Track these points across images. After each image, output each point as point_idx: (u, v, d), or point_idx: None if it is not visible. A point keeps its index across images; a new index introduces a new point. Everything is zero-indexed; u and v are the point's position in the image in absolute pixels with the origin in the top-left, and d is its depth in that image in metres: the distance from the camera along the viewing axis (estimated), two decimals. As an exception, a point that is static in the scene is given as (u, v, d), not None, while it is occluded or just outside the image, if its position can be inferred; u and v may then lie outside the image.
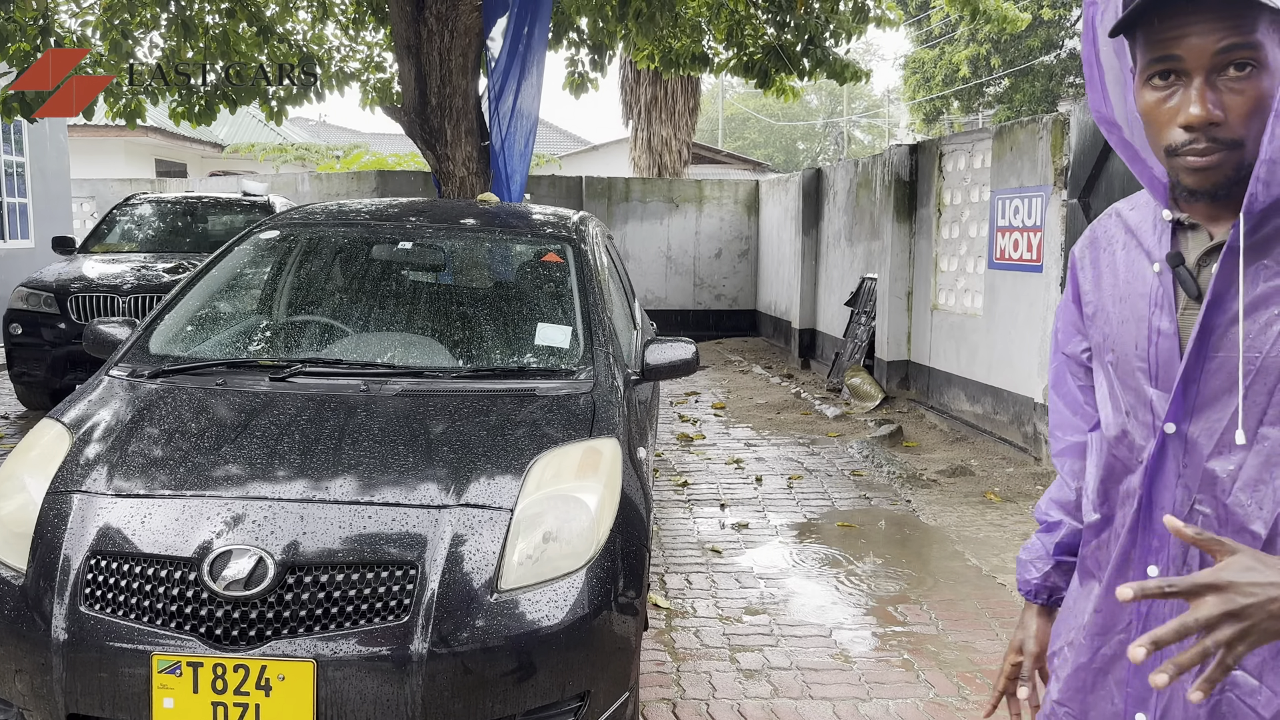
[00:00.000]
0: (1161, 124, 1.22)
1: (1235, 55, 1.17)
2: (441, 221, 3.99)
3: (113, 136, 19.42)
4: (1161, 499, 1.30)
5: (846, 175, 10.18)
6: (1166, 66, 1.20)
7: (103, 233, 8.88)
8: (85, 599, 2.30)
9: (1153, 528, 1.31)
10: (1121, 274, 1.36)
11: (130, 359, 3.11)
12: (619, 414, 3.01)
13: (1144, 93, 1.24)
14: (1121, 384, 1.35)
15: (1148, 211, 1.36)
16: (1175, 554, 1.29)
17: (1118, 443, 1.35)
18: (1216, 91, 1.18)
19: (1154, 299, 1.30)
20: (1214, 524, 1.26)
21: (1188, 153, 1.20)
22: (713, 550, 4.86)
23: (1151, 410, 1.30)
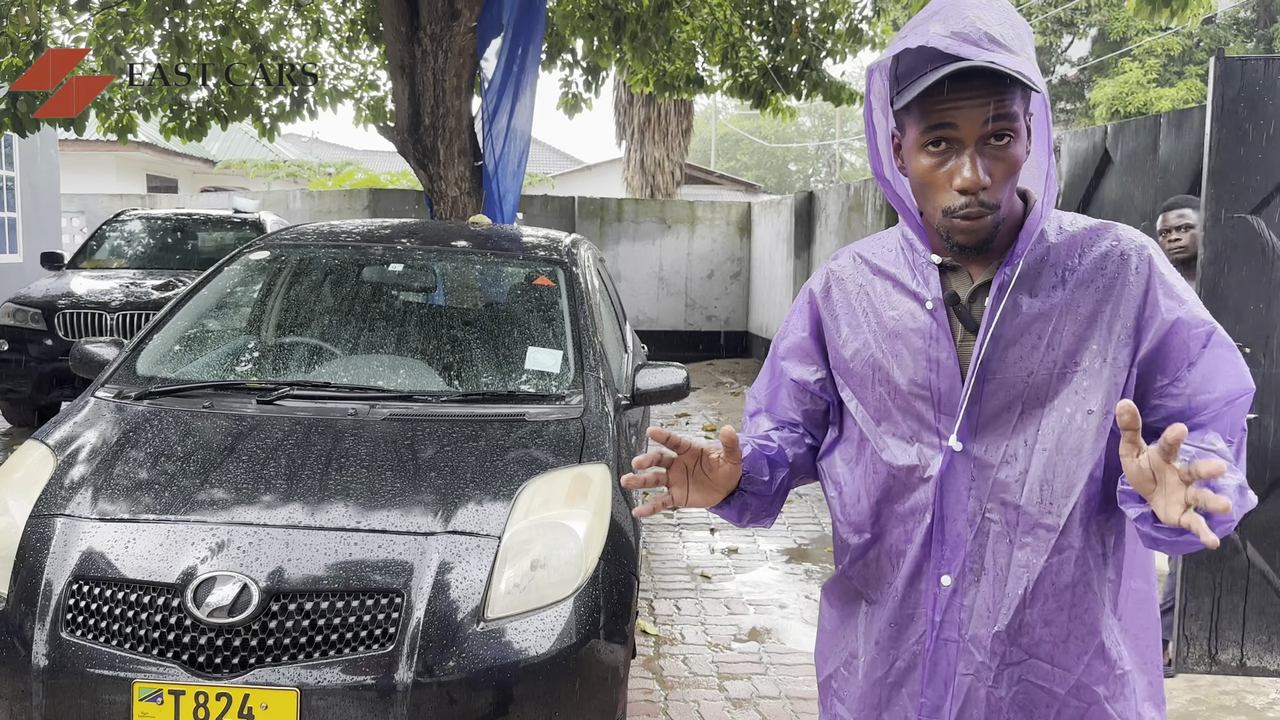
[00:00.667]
0: (938, 187, 1.37)
1: (998, 126, 1.33)
2: (433, 243, 3.98)
3: (104, 151, 19.38)
4: (953, 512, 1.43)
5: (839, 199, 10.22)
6: (941, 135, 1.34)
7: (92, 249, 8.84)
8: (66, 625, 2.27)
9: (945, 540, 1.44)
10: (885, 313, 1.49)
11: (117, 380, 3.09)
12: (609, 439, 3.00)
13: (919, 158, 1.37)
14: (901, 411, 1.47)
15: (896, 256, 1.51)
16: (970, 563, 1.42)
17: (906, 473, 1.46)
18: (985, 159, 1.34)
19: (928, 334, 1.44)
20: (1006, 528, 1.41)
21: (963, 213, 1.35)
22: (702, 575, 4.83)
23: (937, 432, 1.44)
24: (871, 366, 1.50)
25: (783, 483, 1.56)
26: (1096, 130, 5.87)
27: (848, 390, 1.54)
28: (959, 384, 1.42)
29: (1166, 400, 1.39)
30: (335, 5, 10.95)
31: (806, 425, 1.63)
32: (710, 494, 1.45)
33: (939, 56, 1.31)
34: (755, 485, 1.50)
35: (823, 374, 1.59)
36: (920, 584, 1.46)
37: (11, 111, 8.13)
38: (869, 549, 1.52)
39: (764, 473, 1.52)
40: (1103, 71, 24.82)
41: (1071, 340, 1.39)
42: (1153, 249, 1.42)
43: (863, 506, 1.52)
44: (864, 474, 1.52)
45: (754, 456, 1.52)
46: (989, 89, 1.31)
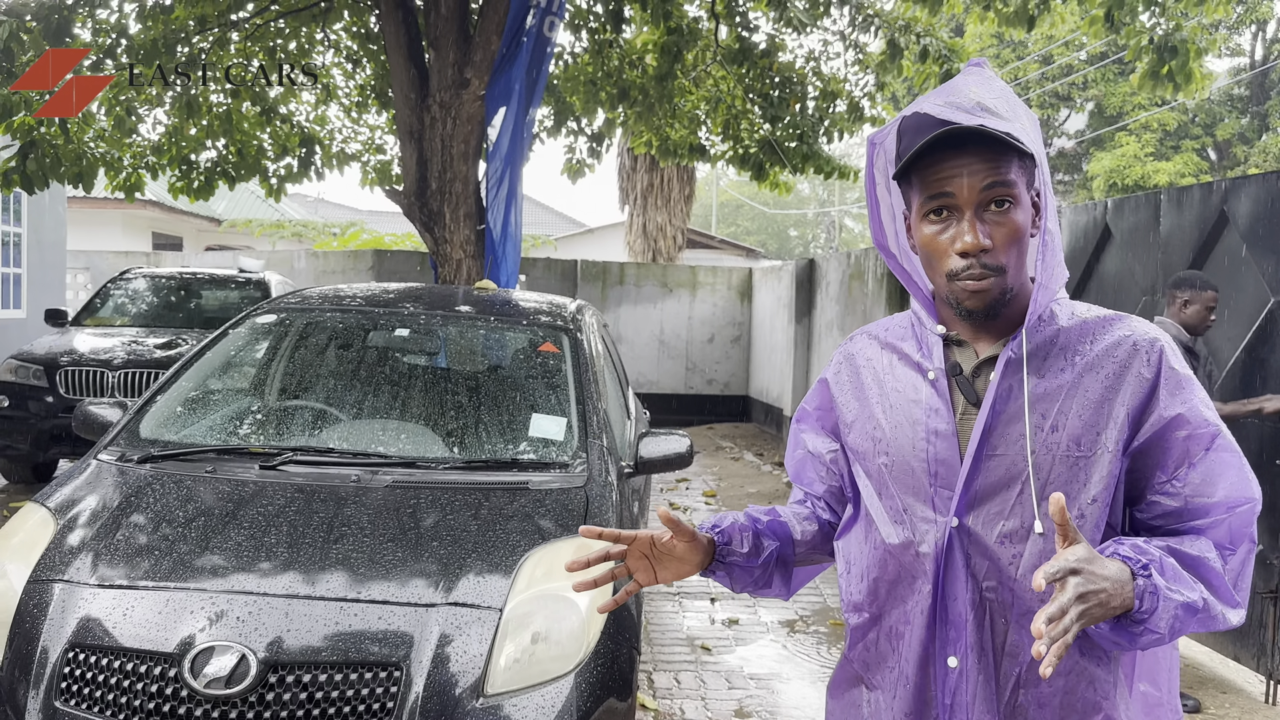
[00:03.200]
0: (940, 253, 1.39)
1: (996, 193, 1.36)
2: (438, 308, 4.00)
3: (111, 209, 19.57)
4: (955, 590, 1.41)
5: (839, 266, 10.30)
6: (941, 203, 1.37)
7: (96, 306, 8.88)
8: (61, 694, 2.22)
9: (949, 620, 1.42)
10: (889, 386, 1.51)
11: (120, 442, 3.07)
12: (612, 509, 2.98)
13: (922, 227, 1.40)
14: (898, 484, 1.46)
15: (905, 331, 1.53)
16: (972, 642, 1.40)
17: (902, 549, 1.45)
18: (984, 224, 1.36)
19: (928, 406, 1.45)
20: (1001, 608, 1.39)
21: (967, 277, 1.37)
22: (702, 647, 4.76)
23: (934, 507, 1.43)
24: (873, 439, 1.51)
25: (772, 554, 1.60)
26: (1097, 205, 5.94)
27: (856, 465, 1.56)
28: (957, 458, 1.41)
29: (1163, 498, 1.37)
30: (345, 71, 11.17)
31: (828, 500, 1.65)
32: (680, 567, 1.53)
33: (935, 127, 1.35)
34: (733, 555, 1.57)
35: (835, 447, 1.62)
36: (929, 666, 1.44)
37: (21, 169, 8.23)
38: (868, 630, 1.52)
39: (744, 544, 1.57)
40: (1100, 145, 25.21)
41: (1077, 424, 1.37)
42: (1165, 343, 1.41)
43: (862, 585, 1.52)
44: (864, 552, 1.52)
45: (733, 529, 1.58)
46: (984, 156, 1.35)
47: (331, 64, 11.00)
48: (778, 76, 10.45)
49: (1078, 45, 23.39)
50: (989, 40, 24.04)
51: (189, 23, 8.91)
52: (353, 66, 11.03)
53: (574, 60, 10.78)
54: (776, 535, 1.62)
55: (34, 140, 8.34)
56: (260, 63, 10.23)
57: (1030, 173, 1.39)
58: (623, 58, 10.56)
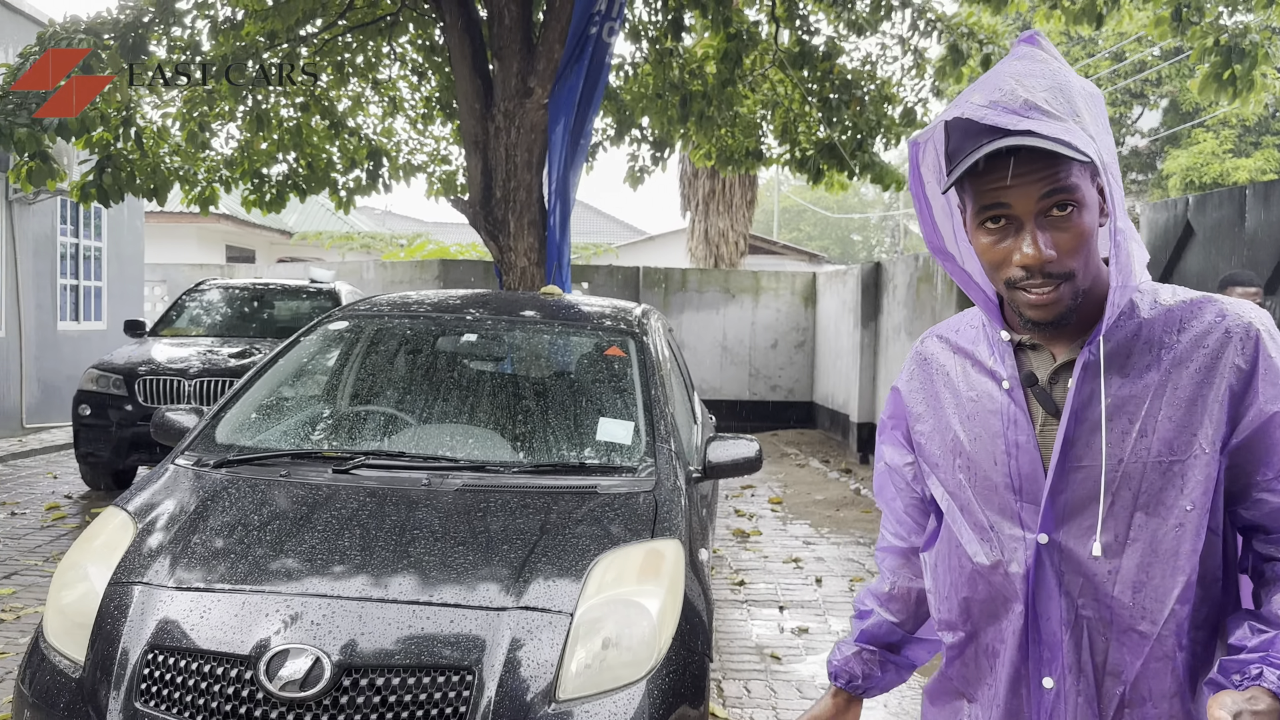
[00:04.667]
0: (999, 263, 1.29)
1: (1056, 199, 1.25)
2: (505, 314, 4.01)
3: (186, 223, 20.14)
4: (1047, 609, 1.34)
5: (907, 269, 10.13)
6: (997, 213, 1.27)
7: (172, 317, 9.11)
8: (140, 695, 2.26)
9: (1042, 639, 1.35)
10: (964, 394, 1.42)
11: (196, 448, 3.13)
12: (681, 514, 2.94)
13: (979, 235, 1.31)
14: (981, 499, 1.39)
15: (976, 333, 1.44)
16: (1069, 662, 1.33)
17: (991, 570, 1.38)
18: (1045, 231, 1.25)
19: (1006, 416, 1.37)
20: (1099, 626, 1.31)
21: (1028, 287, 1.27)
22: (772, 656, 4.69)
23: (1020, 523, 1.35)
24: (951, 451, 1.43)
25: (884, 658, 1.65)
26: (1178, 201, 5.74)
27: (932, 479, 1.48)
28: (1040, 471, 1.33)
29: (1268, 495, 1.28)
30: (411, 84, 11.33)
31: (916, 516, 1.60)
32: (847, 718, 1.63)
33: (981, 129, 1.25)
34: (859, 687, 1.63)
35: (911, 459, 1.56)
36: (1021, 688, 1.37)
37: (98, 183, 8.49)
38: (965, 648, 1.45)
39: (857, 672, 1.63)
40: (1175, 142, 24.50)
41: (1169, 427, 1.27)
42: (1263, 327, 1.30)
43: (952, 604, 1.45)
44: (950, 569, 1.45)
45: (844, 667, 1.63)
46: (1041, 163, 1.23)
47: (398, 77, 11.17)
48: (837, 79, 10.35)
49: (1150, 41, 22.77)
50: (1058, 38, 23.52)
51: (259, 39, 9.12)
52: (418, 79, 11.19)
53: (634, 71, 10.80)
54: (875, 640, 1.64)
55: (110, 155, 8.60)
56: (327, 76, 10.44)
57: (1093, 165, 1.28)
58: (683, 66, 10.55)
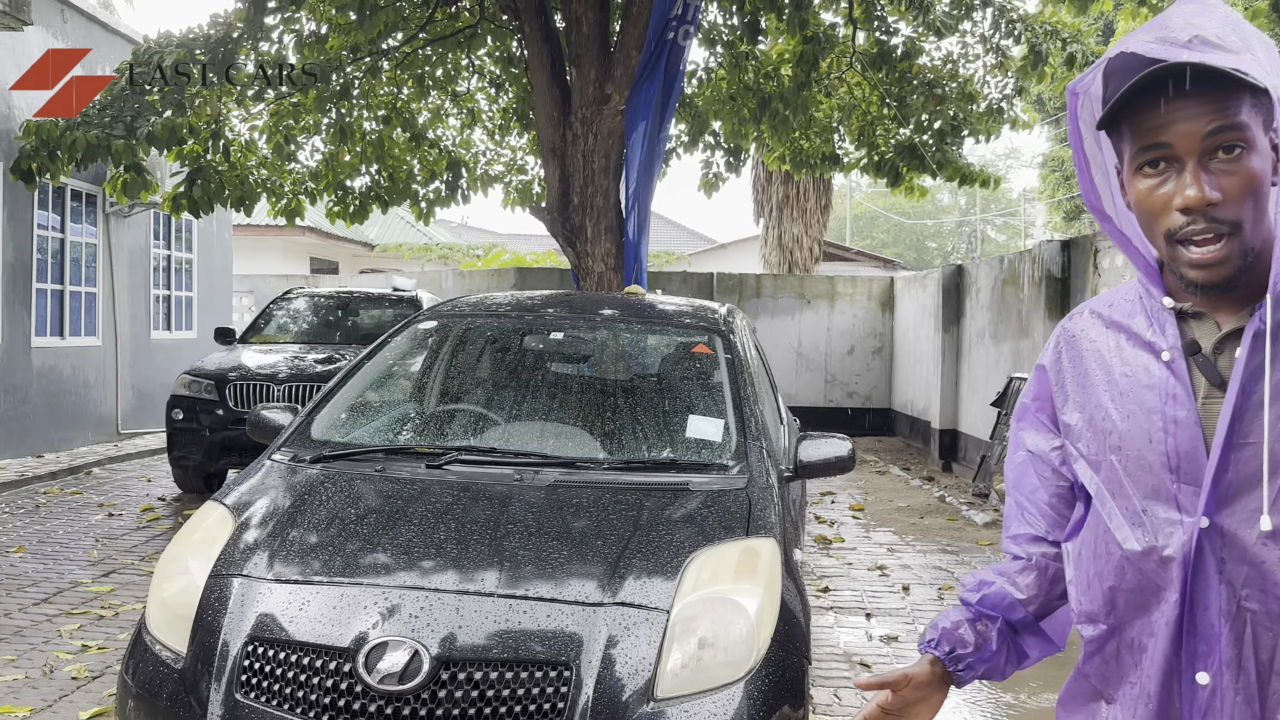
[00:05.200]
0: (1157, 211, 1.21)
1: (1224, 138, 1.16)
2: (591, 313, 4.00)
3: (272, 236, 20.71)
4: (1205, 599, 1.24)
5: (991, 272, 9.89)
6: (1157, 155, 1.19)
7: (260, 325, 9.34)
8: (241, 686, 2.27)
9: (1198, 632, 1.25)
10: (1117, 370, 1.33)
11: (292, 444, 3.17)
12: (775, 512, 2.87)
13: (1136, 182, 1.23)
14: (1133, 481, 1.29)
15: (1132, 306, 1.35)
16: (1228, 658, 1.22)
17: (1143, 557, 1.28)
18: (1210, 174, 1.17)
19: (1164, 390, 1.26)
20: (1266, 619, 1.21)
21: (1190, 238, 1.18)
22: (861, 664, 4.58)
23: (1177, 505, 1.25)
24: (1102, 432, 1.33)
25: (1002, 633, 1.50)
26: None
27: (1080, 461, 1.38)
28: (1202, 449, 1.23)
29: None
30: (489, 95, 11.46)
31: (1060, 508, 1.47)
32: (927, 703, 1.49)
33: (1145, 68, 1.16)
34: (964, 660, 1.48)
35: (1059, 443, 1.45)
36: (1174, 684, 1.27)
37: (188, 194, 8.74)
38: (1106, 642, 1.35)
39: (967, 643, 1.49)
40: None
41: None
42: None
43: (1095, 593, 1.35)
44: (1096, 556, 1.35)
45: (948, 635, 1.50)
46: (1206, 96, 1.15)
47: (476, 89, 11.31)
48: (916, 80, 10.16)
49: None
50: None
51: (342, 52, 9.32)
52: (496, 90, 11.32)
53: (709, 76, 10.76)
54: (996, 608, 1.50)
55: (200, 167, 8.85)
56: (407, 89, 10.62)
57: (1268, 112, 1.19)
58: (758, 70, 10.47)
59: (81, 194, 10.76)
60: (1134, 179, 1.23)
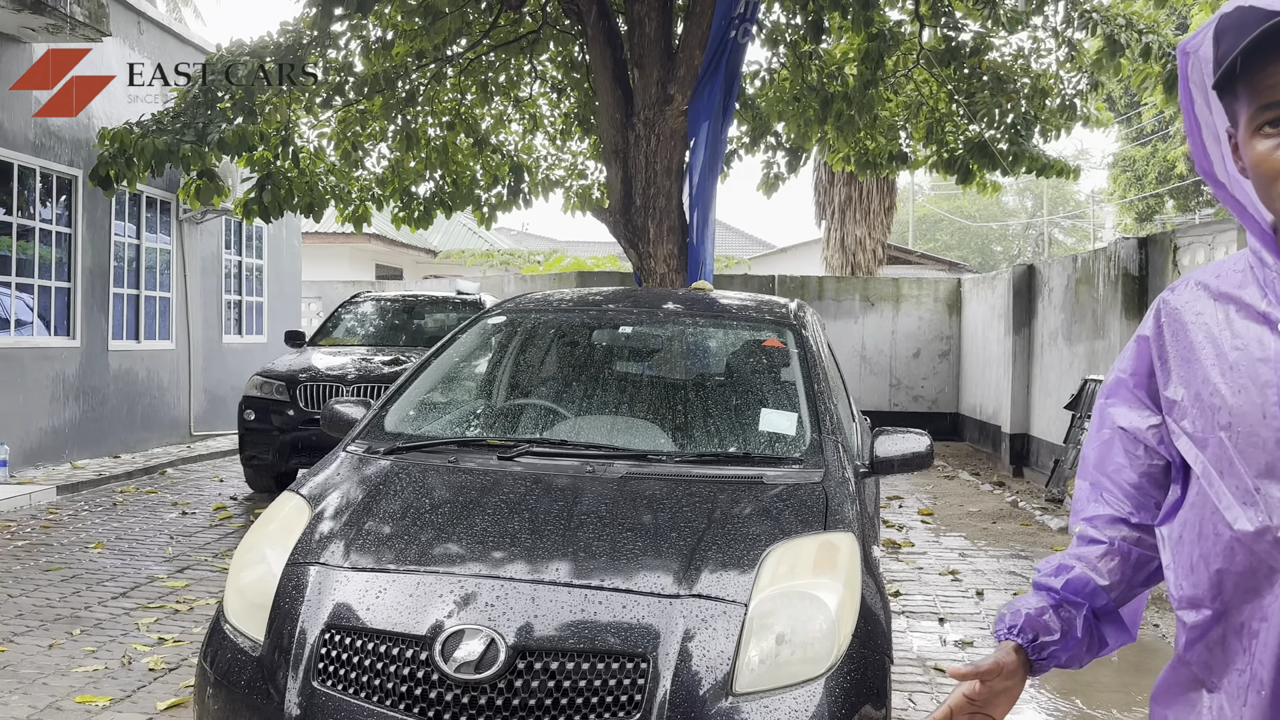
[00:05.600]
0: (1276, 173, 1.16)
1: None
2: (659, 307, 3.96)
3: (339, 243, 21.09)
4: None
5: (1064, 271, 9.64)
6: (1276, 114, 1.14)
7: (329, 328, 9.48)
8: (318, 674, 2.27)
9: None
10: (1226, 343, 1.26)
11: (366, 436, 3.18)
12: (852, 506, 2.80)
13: (1254, 144, 1.17)
14: (1245, 459, 1.22)
15: (1244, 276, 1.28)
16: None
17: (1255, 537, 1.21)
18: None
19: (1278, 363, 1.20)
20: None
21: None
22: (936, 669, 4.46)
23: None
24: (1210, 408, 1.27)
25: (1087, 620, 1.44)
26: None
27: (1184, 439, 1.31)
28: None
29: None
30: (551, 100, 11.52)
31: (1150, 489, 1.41)
32: (1008, 695, 1.43)
33: (1264, 21, 1.10)
34: (1048, 649, 1.43)
35: (1156, 420, 1.38)
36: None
37: (259, 200, 8.91)
38: (1210, 628, 1.28)
39: (1052, 630, 1.42)
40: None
41: None
42: None
43: (1199, 577, 1.28)
44: (1201, 538, 1.28)
45: (1031, 623, 1.43)
46: None
47: (538, 94, 11.38)
48: (986, 75, 9.95)
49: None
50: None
51: (408, 59, 9.43)
52: (557, 96, 11.37)
53: (772, 77, 10.68)
54: (1080, 593, 1.43)
55: (270, 173, 9.02)
56: (471, 95, 10.72)
57: None
58: (821, 69, 10.36)
59: (156, 201, 11.05)
60: (1251, 141, 1.18)
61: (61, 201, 9.56)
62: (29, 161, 8.97)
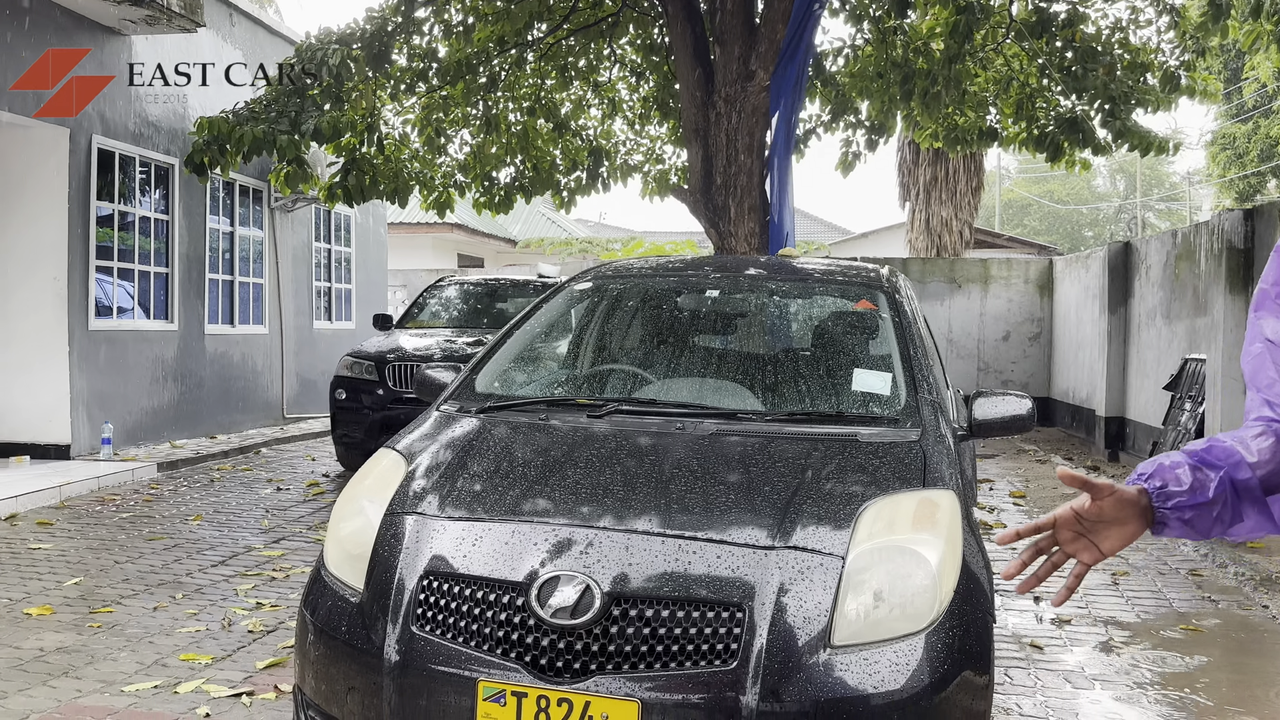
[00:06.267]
0: None
1: None
2: (748, 271, 3.91)
3: (422, 233, 21.48)
4: None
5: (1162, 247, 9.28)
6: None
7: (414, 312, 9.65)
8: (417, 620, 2.29)
9: None
10: None
11: (458, 397, 3.21)
12: (951, 465, 2.72)
13: None
14: None
15: None
16: None
17: None
18: None
19: None
20: None
21: None
22: (1032, 645, 4.33)
23: None
24: None
25: (1224, 484, 1.35)
26: None
27: None
28: None
29: None
30: (629, 84, 11.50)
31: None
32: (1121, 531, 1.37)
33: None
34: (1174, 499, 1.36)
35: None
36: None
37: (344, 185, 9.09)
38: None
39: (1181, 481, 1.35)
40: None
41: None
42: None
43: None
44: None
45: (1162, 471, 1.37)
46: None
47: (617, 78, 11.37)
48: (1080, 47, 9.59)
49: None
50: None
51: (489, 44, 9.51)
52: (636, 79, 11.35)
53: (855, 54, 10.48)
54: (1223, 460, 1.36)
55: (356, 159, 9.19)
56: (550, 80, 10.77)
57: None
58: (906, 45, 10.13)
59: (249, 190, 11.37)
60: None
61: (159, 191, 9.90)
62: (129, 150, 9.30)
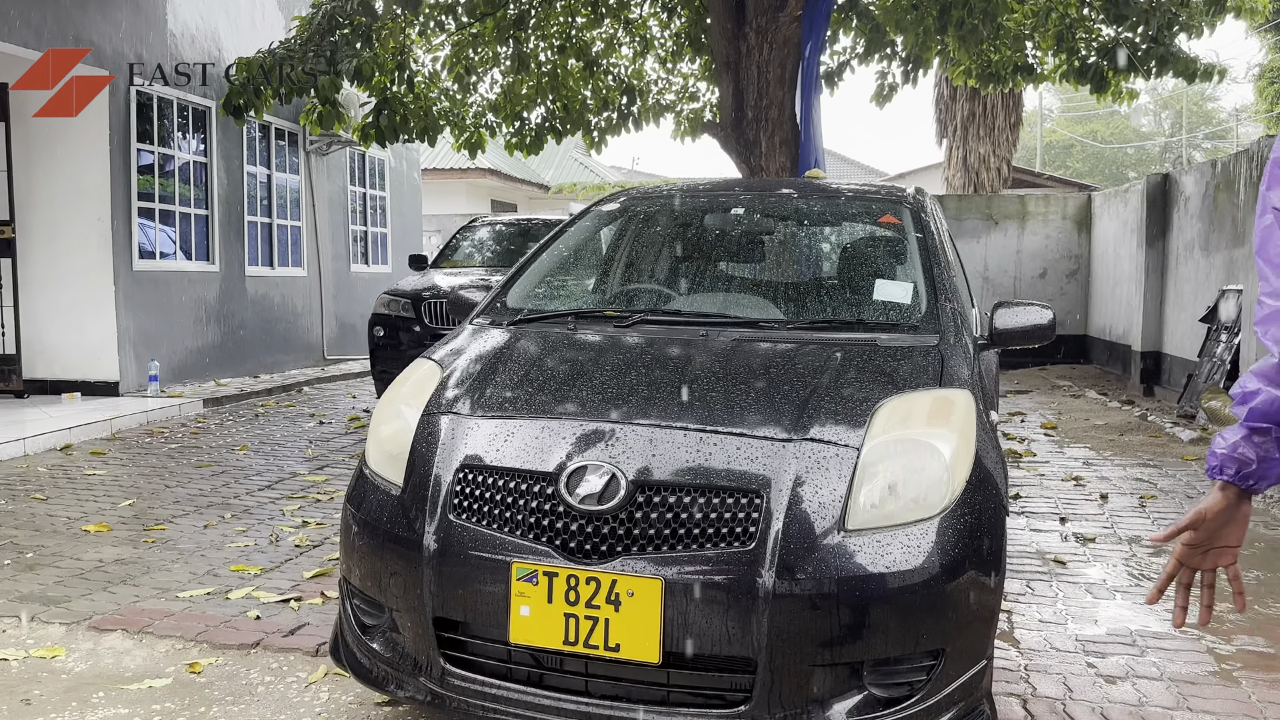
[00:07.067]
0: None
1: None
2: (773, 192, 3.97)
3: (455, 179, 21.56)
4: None
5: (1201, 178, 9.14)
6: None
7: (449, 252, 9.78)
8: (453, 509, 2.42)
9: None
10: None
11: (490, 312, 3.33)
12: (969, 368, 2.79)
13: None
14: None
15: None
16: None
17: None
18: None
19: None
20: None
21: None
22: (1055, 560, 4.42)
23: None
24: None
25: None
26: None
27: None
28: None
29: None
30: (661, 21, 11.41)
31: None
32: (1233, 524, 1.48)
33: None
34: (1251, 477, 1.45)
35: None
36: None
37: (376, 125, 9.15)
38: None
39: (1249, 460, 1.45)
40: None
41: None
42: None
43: None
44: None
45: (1228, 460, 1.46)
46: None
47: (648, 15, 11.28)
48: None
49: None
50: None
51: (520, -20, 9.48)
52: (668, 15, 11.25)
53: (891, -15, 10.30)
54: (1265, 417, 1.43)
55: (387, 99, 9.25)
56: (581, 17, 10.71)
57: None
58: (943, -27, 9.93)
59: (285, 133, 11.49)
60: None
61: (198, 135, 10.05)
62: (168, 94, 9.44)
